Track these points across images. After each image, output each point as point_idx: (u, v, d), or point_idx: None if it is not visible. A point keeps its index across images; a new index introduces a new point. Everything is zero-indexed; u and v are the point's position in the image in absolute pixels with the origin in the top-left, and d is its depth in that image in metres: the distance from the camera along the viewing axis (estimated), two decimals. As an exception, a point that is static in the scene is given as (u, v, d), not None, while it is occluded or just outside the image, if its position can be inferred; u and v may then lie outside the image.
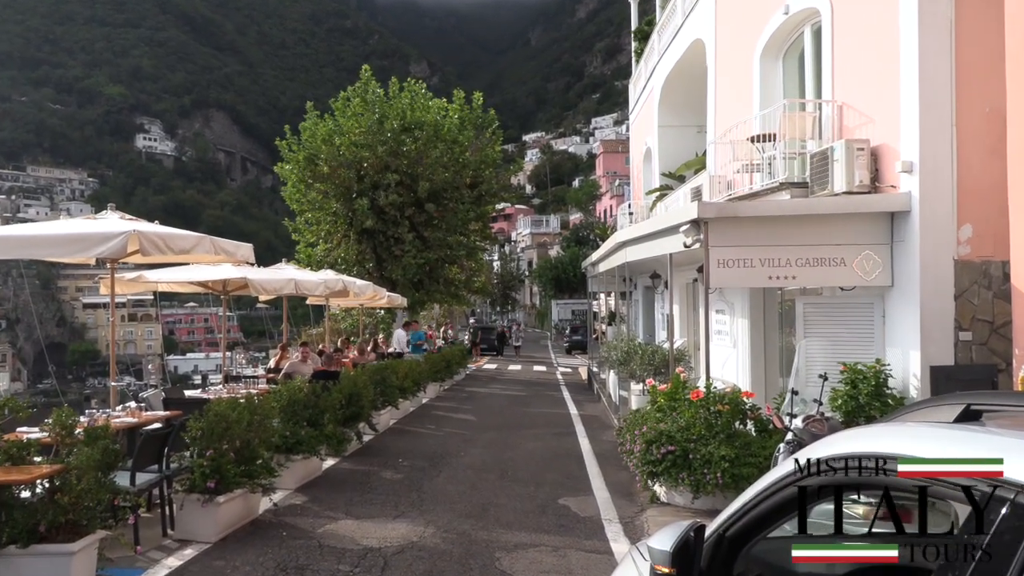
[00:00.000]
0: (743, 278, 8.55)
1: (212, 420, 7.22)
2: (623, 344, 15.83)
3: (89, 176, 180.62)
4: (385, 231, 25.95)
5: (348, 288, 15.38)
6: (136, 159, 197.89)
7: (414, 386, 16.86)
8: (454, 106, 28.32)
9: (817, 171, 9.06)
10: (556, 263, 67.32)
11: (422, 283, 26.96)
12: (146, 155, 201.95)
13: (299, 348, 14.92)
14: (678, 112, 19.90)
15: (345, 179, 25.48)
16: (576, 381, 26.78)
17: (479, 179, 28.64)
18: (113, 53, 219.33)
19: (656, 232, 10.43)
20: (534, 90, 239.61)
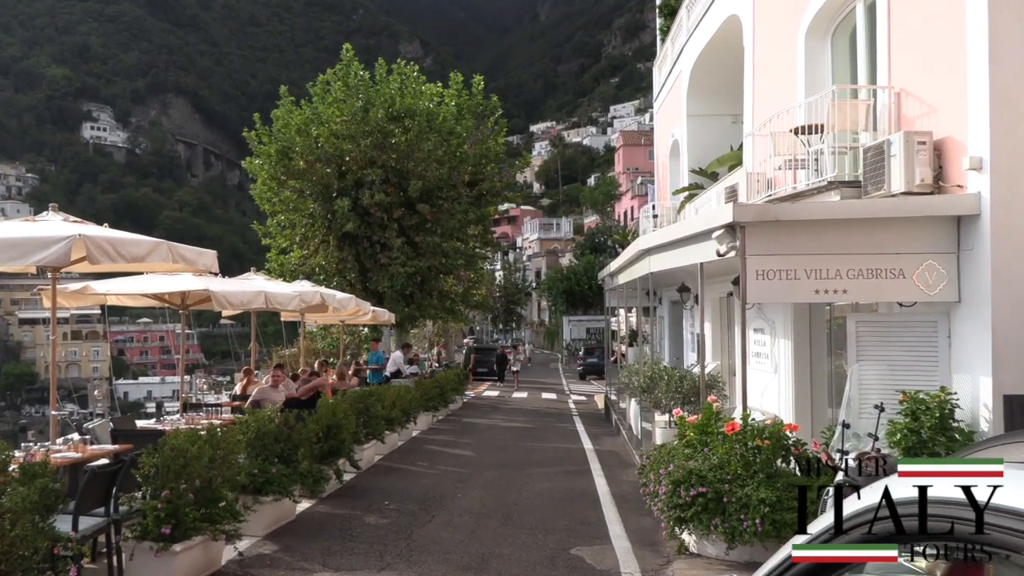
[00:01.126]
0: (786, 292, 8.55)
1: (168, 455, 7.22)
2: (646, 368, 15.81)
3: (28, 171, 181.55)
4: (370, 236, 26.05)
5: (327, 302, 15.40)
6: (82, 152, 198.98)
7: (403, 416, 16.85)
8: (450, 92, 28.49)
9: (871, 168, 9.07)
10: (568, 273, 67.43)
11: (412, 296, 27.03)
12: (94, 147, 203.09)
13: (269, 372, 14.94)
14: (710, 99, 19.94)
15: (324, 176, 25.62)
16: (591, 411, 26.72)
17: (479, 176, 28.75)
18: (56, 29, 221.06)
19: (685, 238, 10.44)
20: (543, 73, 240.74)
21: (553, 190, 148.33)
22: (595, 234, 73.98)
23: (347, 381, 17.81)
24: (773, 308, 12.18)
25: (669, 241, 11.40)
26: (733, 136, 18.80)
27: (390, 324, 25.21)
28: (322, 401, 12.39)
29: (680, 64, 21.15)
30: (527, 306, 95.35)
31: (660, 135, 25.74)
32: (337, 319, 21.36)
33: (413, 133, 25.90)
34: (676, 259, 11.17)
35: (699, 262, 10.03)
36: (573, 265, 69.74)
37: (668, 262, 11.76)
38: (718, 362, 16.50)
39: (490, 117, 29.87)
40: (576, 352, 59.25)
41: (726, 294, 15.81)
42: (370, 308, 18.73)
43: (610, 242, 70.39)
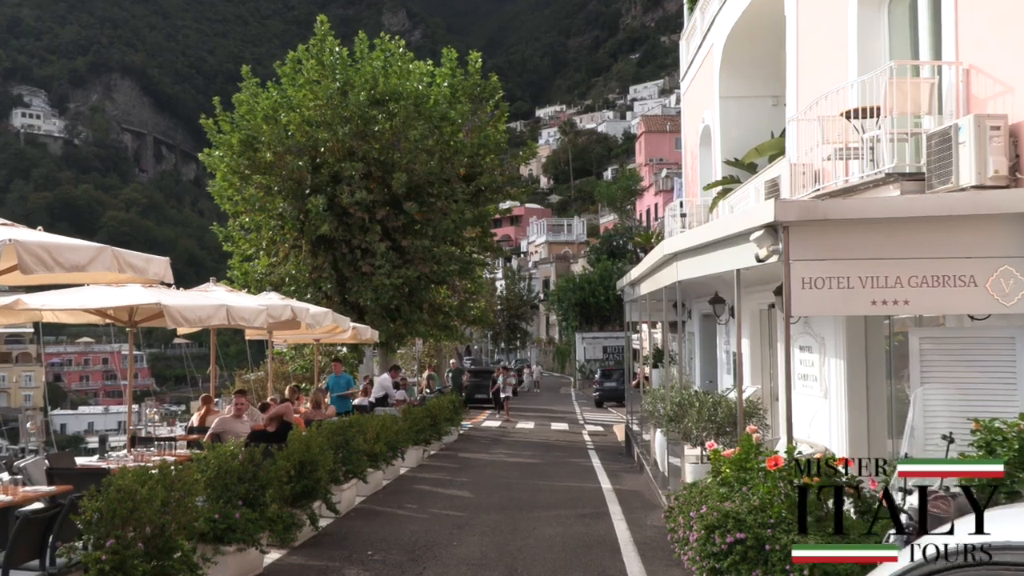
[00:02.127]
0: (837, 303, 8.55)
1: (114, 498, 7.22)
2: (673, 393, 15.79)
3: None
4: (349, 240, 26.11)
5: (299, 317, 15.41)
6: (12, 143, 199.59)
7: (388, 451, 16.84)
8: (443, 71, 28.59)
9: (936, 157, 9.09)
10: (581, 283, 67.42)
11: (399, 310, 27.05)
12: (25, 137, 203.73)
13: (232, 399, 14.95)
14: (747, 78, 19.97)
15: (295, 170, 25.70)
16: (609, 443, 26.65)
17: (477, 169, 28.81)
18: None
19: (718, 240, 10.45)
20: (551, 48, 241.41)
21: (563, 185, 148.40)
22: (613, 236, 73.90)
23: (323, 410, 17.81)
24: (822, 322, 12.17)
25: (700, 244, 11.40)
26: (774, 121, 18.81)
27: (373, 343, 25.21)
28: (294, 433, 12.39)
29: (711, 37, 21.19)
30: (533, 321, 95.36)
31: (688, 120, 25.78)
32: (311, 337, 21.31)
33: (399, 119, 25.97)
34: (708, 265, 11.17)
35: (735, 269, 10.03)
36: (587, 273, 69.67)
37: (699, 269, 11.75)
38: (758, 386, 16.47)
39: (489, 100, 29.93)
40: (591, 375, 59.13)
41: (767, 306, 15.80)
42: (350, 324, 18.72)
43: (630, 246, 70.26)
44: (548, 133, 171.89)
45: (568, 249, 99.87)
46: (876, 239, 8.52)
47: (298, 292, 25.79)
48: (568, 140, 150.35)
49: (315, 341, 22.47)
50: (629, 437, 23.95)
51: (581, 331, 68.45)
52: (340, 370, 21.92)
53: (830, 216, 8.55)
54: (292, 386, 19.72)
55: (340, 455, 13.83)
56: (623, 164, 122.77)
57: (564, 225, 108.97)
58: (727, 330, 19.42)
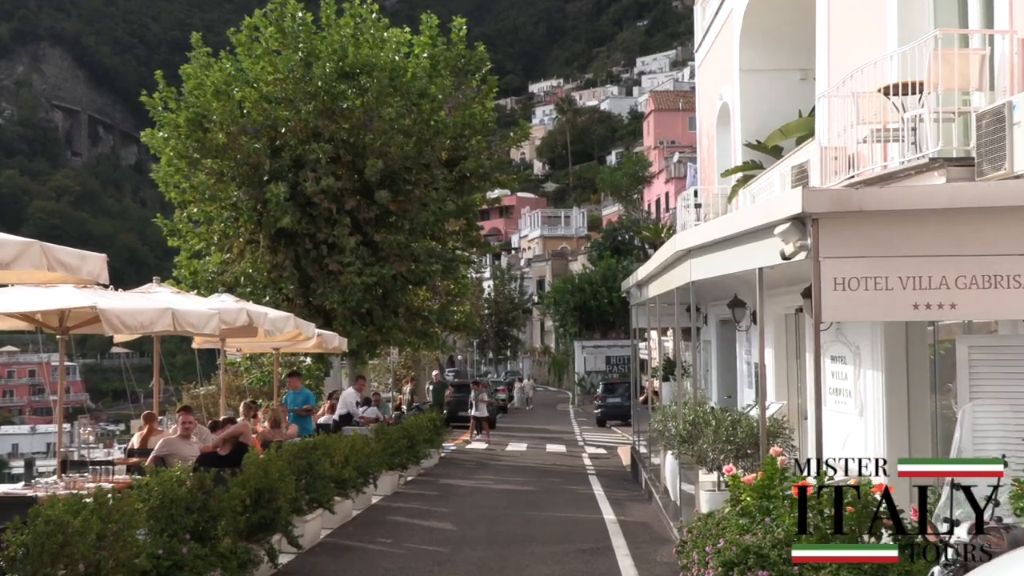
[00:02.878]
0: (874, 307, 8.56)
1: (42, 531, 7.18)
2: (687, 410, 15.80)
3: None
4: (314, 234, 26.06)
5: (256, 323, 15.36)
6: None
7: (359, 477, 16.80)
8: (422, 40, 28.56)
9: (988, 140, 9.11)
10: (581, 283, 67.47)
11: (371, 315, 27.00)
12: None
13: (178, 417, 14.90)
14: (771, 48, 19.99)
15: (251, 153, 25.64)
16: (613, 468, 26.66)
17: (461, 153, 28.78)
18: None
19: (738, 235, 10.46)
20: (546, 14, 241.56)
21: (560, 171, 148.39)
22: (617, 230, 73.95)
23: (283, 429, 17.77)
24: (857, 329, 12.18)
25: (717, 239, 11.40)
26: (802, 98, 18.82)
27: (341, 353, 25.15)
28: (250, 457, 12.35)
29: (731, 1, 21.22)
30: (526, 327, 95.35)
31: (704, 97, 25.80)
32: (270, 346, 21.25)
33: (371, 96, 25.93)
34: (726, 263, 11.19)
35: (757, 267, 10.04)
36: (587, 272, 69.66)
37: (716, 267, 11.76)
38: (784, 402, 16.49)
39: (475, 74, 29.89)
40: (592, 389, 59.11)
41: (794, 310, 15.82)
42: (314, 331, 18.67)
43: (637, 241, 70.31)
44: (543, 112, 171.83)
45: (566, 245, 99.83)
46: (919, 233, 8.53)
47: (255, 294, 25.70)
48: (566, 120, 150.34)
49: (274, 350, 22.40)
50: (635, 460, 23.95)
51: (581, 339, 68.45)
52: (299, 385, 21.61)
53: (866, 207, 8.56)
54: (247, 402, 19.65)
55: (303, 481, 13.78)
56: (629, 147, 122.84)
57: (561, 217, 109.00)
58: (748, 338, 19.43)
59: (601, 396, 48.42)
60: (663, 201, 78.40)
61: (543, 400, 69.45)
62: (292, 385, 21.51)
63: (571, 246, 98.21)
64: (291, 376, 22.17)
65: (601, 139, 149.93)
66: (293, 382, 21.63)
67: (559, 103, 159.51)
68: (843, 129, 12.20)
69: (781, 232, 8.73)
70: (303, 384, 22.65)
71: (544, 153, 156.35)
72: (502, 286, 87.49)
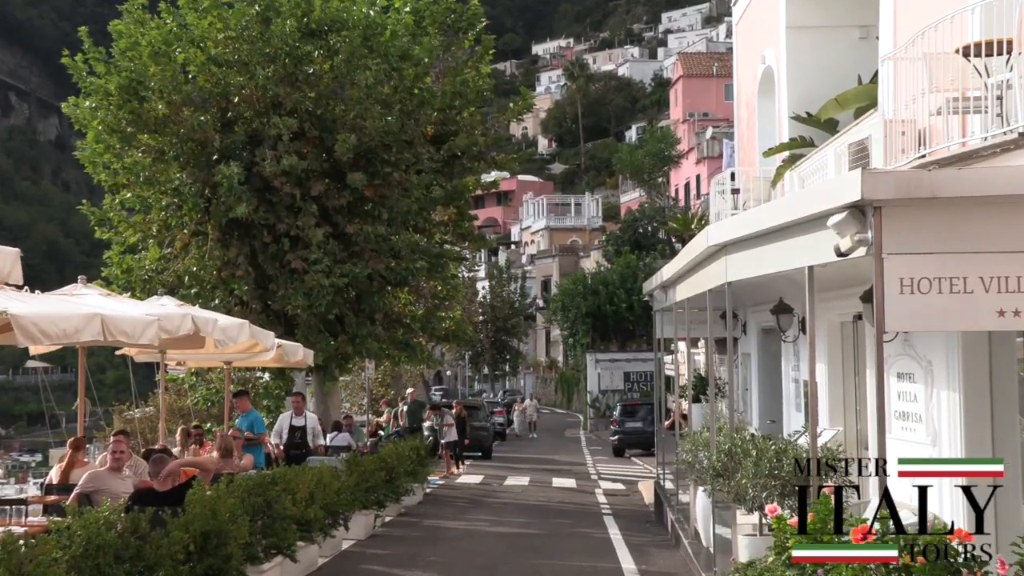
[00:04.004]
0: (949, 313, 8.51)
1: (-59, 584, 7.14)
2: (722, 438, 15.74)
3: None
4: (273, 224, 26.02)
5: (203, 331, 15.33)
6: None
7: (326, 518, 16.76)
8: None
9: (1087, 112, 9.07)
10: (595, 284, 67.41)
11: (342, 322, 26.96)
12: None
13: (108, 445, 14.86)
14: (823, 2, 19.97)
15: (197, 127, 25.58)
16: (633, 507, 26.63)
17: (450, 128, 28.74)
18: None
19: (783, 227, 10.41)
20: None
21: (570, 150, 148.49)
22: (638, 220, 73.91)
23: (235, 460, 17.70)
24: (929, 341, 12.15)
25: (759, 232, 11.37)
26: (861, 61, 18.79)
27: (306, 367, 25.09)
28: (195, 493, 12.31)
29: (775, -55, 21.20)
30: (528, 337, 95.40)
31: (743, 60, 25.76)
32: (220, 359, 21.19)
33: (342, 58, 25.91)
34: (770, 260, 11.18)
35: (807, 265, 10.02)
36: (602, 271, 69.60)
37: (757, 265, 11.73)
38: (839, 428, 16.43)
39: (468, 33, 29.87)
40: (608, 412, 59.05)
41: (851, 317, 15.78)
42: (274, 341, 18.61)
43: (662, 233, 70.30)
44: (549, 78, 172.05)
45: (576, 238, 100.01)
46: (1006, 225, 8.49)
47: (202, 296, 25.68)
48: (576, 88, 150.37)
49: (225, 365, 22.33)
50: (660, 498, 23.90)
51: (594, 351, 68.40)
52: (248, 407, 21.55)
53: (940, 192, 8.52)
54: (185, 428, 19.62)
55: (259, 523, 13.74)
56: (652, 121, 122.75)
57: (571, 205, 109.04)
58: (796, 351, 19.39)
59: (618, 420, 48.39)
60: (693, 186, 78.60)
61: (549, 424, 69.42)
62: (241, 407, 21.45)
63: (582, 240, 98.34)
64: (238, 396, 22.08)
65: (619, 111, 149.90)
66: (242, 403, 21.56)
67: (568, 67, 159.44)
68: (912, 98, 12.16)
69: (836, 223, 8.69)
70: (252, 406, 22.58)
71: (550, 128, 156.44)
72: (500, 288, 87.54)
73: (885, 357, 9.98)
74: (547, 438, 59.21)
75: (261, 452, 20.87)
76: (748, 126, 24.93)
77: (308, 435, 23.28)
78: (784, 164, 20.05)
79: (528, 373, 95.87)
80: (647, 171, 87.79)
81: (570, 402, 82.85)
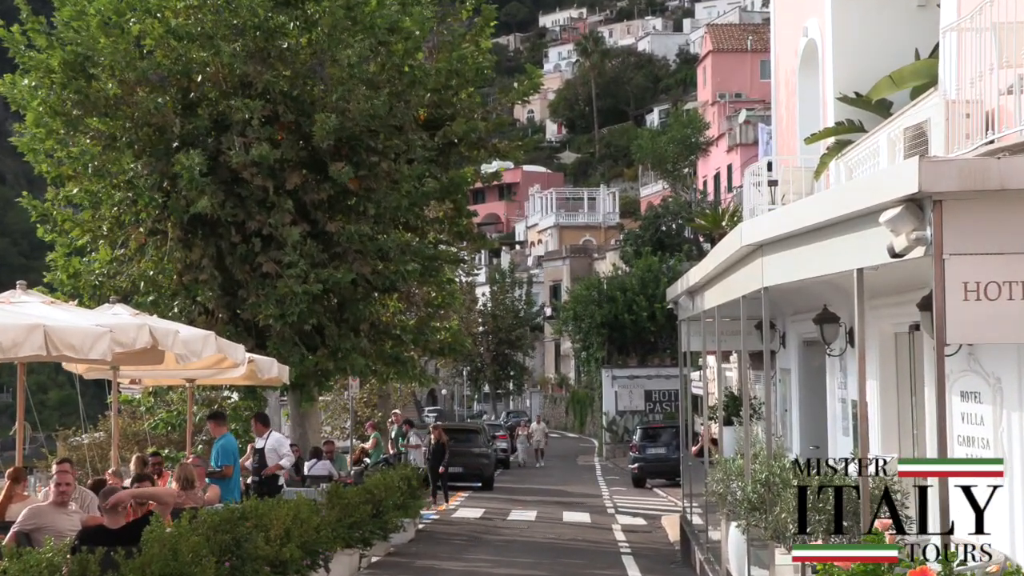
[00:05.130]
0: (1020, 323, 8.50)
1: None
2: (758, 466, 15.72)
3: None
4: (243, 222, 25.98)
5: (162, 344, 15.30)
6: None
7: (304, 558, 16.75)
8: (391, -47, 28.55)
9: None
10: (611, 290, 67.41)
11: (322, 334, 26.93)
12: None
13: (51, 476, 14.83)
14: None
15: (154, 110, 25.53)
16: (655, 545, 26.65)
17: (446, 111, 28.71)
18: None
19: (829, 224, 10.43)
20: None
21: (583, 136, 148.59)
22: (660, 217, 73.95)
23: (198, 492, 17.70)
24: (997, 355, 12.12)
25: (800, 229, 11.39)
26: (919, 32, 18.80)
27: (281, 385, 25.06)
28: (152, 531, 12.30)
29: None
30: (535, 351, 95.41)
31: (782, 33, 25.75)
32: (183, 377, 21.18)
33: (322, 31, 25.89)
34: (813, 262, 11.20)
35: (856, 268, 10.00)
36: (620, 275, 69.63)
37: (798, 268, 11.74)
38: (894, 455, 16.38)
39: (466, 1, 29.87)
40: (626, 436, 59.06)
41: (907, 328, 15.77)
42: (244, 355, 18.60)
43: (688, 232, 70.29)
44: (559, 54, 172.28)
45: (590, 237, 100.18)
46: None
47: (160, 305, 25.70)
48: (590, 65, 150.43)
49: (188, 383, 22.33)
50: (687, 535, 23.92)
51: (610, 367, 68.38)
52: (221, 431, 21.31)
53: (1010, 183, 8.52)
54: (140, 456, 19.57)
55: (227, 564, 13.74)
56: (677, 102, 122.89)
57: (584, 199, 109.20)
58: (843, 366, 19.37)
59: (639, 446, 48.44)
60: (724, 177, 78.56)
61: (559, 450, 69.46)
62: (214, 431, 21.34)
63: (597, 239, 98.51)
64: (212, 419, 21.97)
65: (639, 92, 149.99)
66: (213, 426, 21.42)
67: (581, 42, 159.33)
68: (979, 75, 12.15)
69: (890, 219, 8.69)
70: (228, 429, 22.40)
71: (560, 111, 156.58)
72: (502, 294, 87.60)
73: (946, 373, 9.95)
74: (557, 466, 59.25)
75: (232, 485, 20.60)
76: (787, 108, 24.92)
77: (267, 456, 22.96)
78: (829, 152, 20.04)
79: (535, 392, 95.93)
80: (671, 160, 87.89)
81: (583, 425, 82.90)
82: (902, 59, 18.66)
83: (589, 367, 74.47)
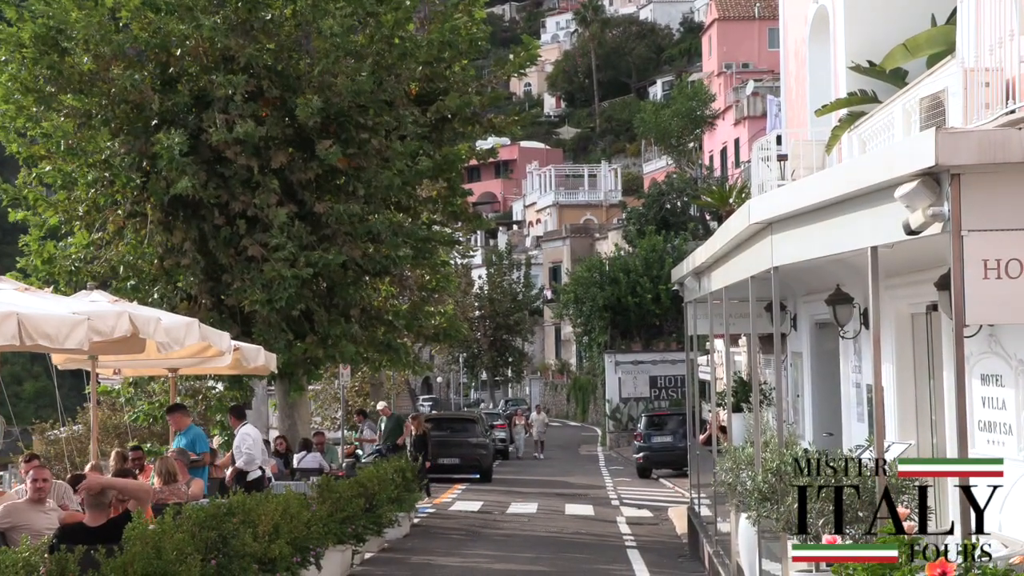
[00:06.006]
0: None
1: None
2: (769, 455, 15.71)
3: None
4: (226, 203, 25.94)
5: (142, 332, 15.28)
6: None
7: (294, 555, 16.74)
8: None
9: None
10: (614, 272, 67.39)
11: (311, 319, 26.90)
12: None
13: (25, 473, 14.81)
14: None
15: (132, 87, 25.46)
16: (663, 537, 26.69)
17: (439, 85, 28.66)
18: None
19: (841, 199, 10.42)
20: None
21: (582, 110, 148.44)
22: (664, 194, 73.90)
23: (181, 486, 17.69)
24: (1020, 335, 12.12)
25: (811, 206, 11.37)
26: None
27: (268, 374, 25.04)
28: (134, 528, 12.27)
29: None
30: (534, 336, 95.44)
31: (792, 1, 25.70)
32: (165, 367, 21.16)
33: (307, 2, 25.80)
34: (824, 240, 11.22)
35: (870, 246, 9.98)
36: (623, 256, 69.57)
37: (809, 246, 11.74)
38: (912, 442, 16.39)
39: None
40: (631, 424, 59.11)
41: (924, 308, 15.77)
42: (229, 343, 18.60)
43: (694, 210, 70.25)
44: (557, 23, 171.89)
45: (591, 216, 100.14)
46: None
47: (141, 291, 25.67)
48: (590, 35, 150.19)
49: (171, 372, 22.32)
50: (695, 527, 23.94)
51: (613, 352, 68.37)
52: (185, 423, 20.99)
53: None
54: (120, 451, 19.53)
55: (213, 562, 13.73)
56: (681, 74, 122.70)
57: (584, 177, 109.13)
58: (857, 349, 19.37)
59: (643, 434, 48.45)
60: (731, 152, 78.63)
61: (560, 439, 69.53)
62: (177, 423, 20.97)
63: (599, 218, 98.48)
64: (172, 412, 21.54)
65: (641, 63, 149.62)
66: (177, 419, 21.03)
67: (580, 11, 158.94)
68: (999, 42, 12.11)
69: (905, 195, 8.67)
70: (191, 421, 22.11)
71: (559, 84, 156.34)
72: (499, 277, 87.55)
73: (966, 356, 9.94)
74: (558, 456, 59.29)
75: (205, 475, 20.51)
76: (797, 79, 24.88)
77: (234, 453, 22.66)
78: (841, 124, 20.01)
79: (535, 379, 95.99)
80: (675, 135, 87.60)
81: (585, 413, 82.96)
82: (917, 26, 18.62)
83: (591, 352, 74.55)
